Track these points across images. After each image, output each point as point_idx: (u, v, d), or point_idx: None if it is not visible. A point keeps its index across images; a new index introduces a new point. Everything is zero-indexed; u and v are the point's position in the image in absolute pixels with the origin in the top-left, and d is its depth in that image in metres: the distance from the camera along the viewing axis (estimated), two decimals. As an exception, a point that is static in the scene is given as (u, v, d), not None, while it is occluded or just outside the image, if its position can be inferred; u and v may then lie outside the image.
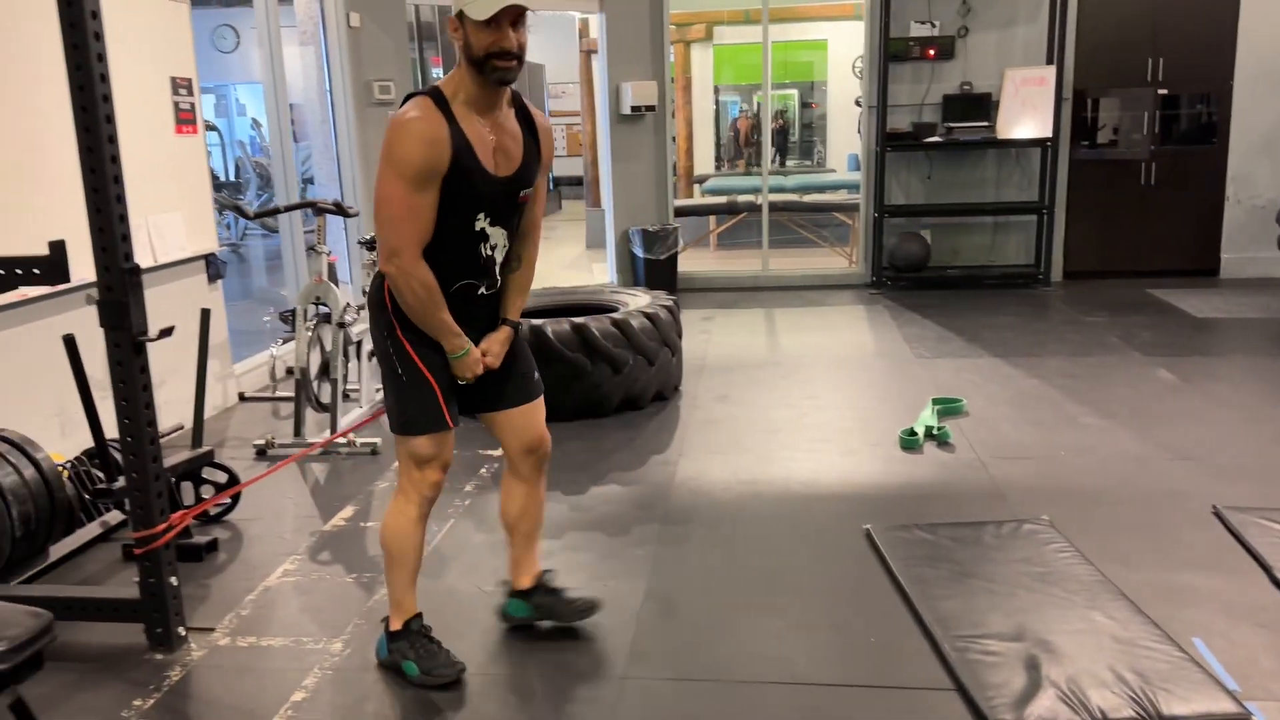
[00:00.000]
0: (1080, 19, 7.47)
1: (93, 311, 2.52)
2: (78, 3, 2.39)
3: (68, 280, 2.52)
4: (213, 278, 4.92)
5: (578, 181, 14.04)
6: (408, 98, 2.30)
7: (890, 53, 7.50)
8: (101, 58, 2.45)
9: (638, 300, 5.16)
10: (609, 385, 4.70)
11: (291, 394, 5.17)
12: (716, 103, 14.00)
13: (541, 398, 2.66)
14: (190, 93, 4.74)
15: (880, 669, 2.50)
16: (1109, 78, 7.63)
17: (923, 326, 6.32)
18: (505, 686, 2.50)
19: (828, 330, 6.36)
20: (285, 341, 5.46)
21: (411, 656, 2.52)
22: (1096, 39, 7.55)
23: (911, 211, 7.77)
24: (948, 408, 4.50)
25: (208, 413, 4.98)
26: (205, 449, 3.48)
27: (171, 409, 4.55)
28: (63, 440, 3.90)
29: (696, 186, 12.24)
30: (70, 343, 2.97)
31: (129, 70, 4.25)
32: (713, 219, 10.21)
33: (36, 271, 2.52)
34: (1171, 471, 3.75)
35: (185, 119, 4.71)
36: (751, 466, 3.96)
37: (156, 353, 4.43)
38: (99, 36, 2.45)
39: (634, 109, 7.74)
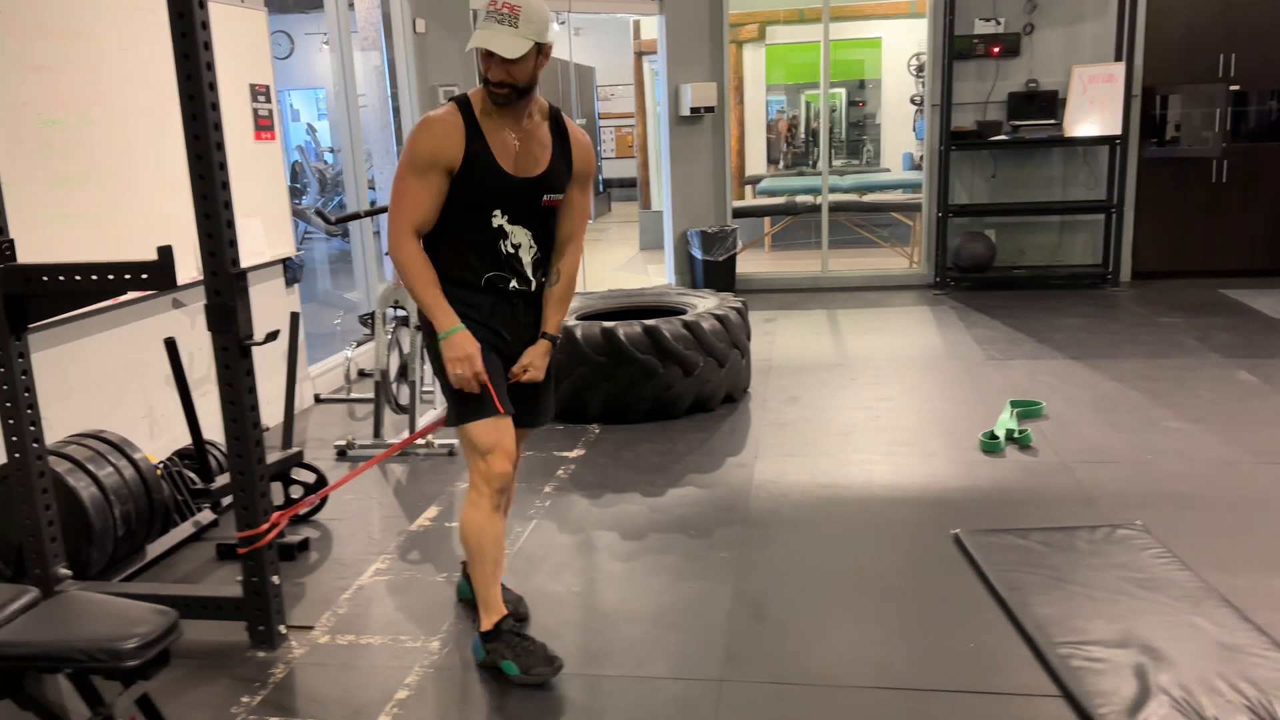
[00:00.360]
0: (1150, 14, 7.34)
1: (176, 316, 2.57)
2: (189, 14, 2.45)
3: (175, 285, 2.58)
4: (290, 281, 5.00)
5: (628, 183, 14.08)
6: (449, 101, 2.50)
7: (954, 50, 7.41)
8: (210, 67, 2.50)
9: (706, 302, 5.16)
10: (680, 387, 4.70)
11: (365, 396, 5.25)
12: (768, 103, 13.94)
13: (534, 430, 2.80)
14: (268, 99, 4.83)
15: (983, 675, 2.47)
16: (1179, 74, 7.48)
17: (992, 328, 6.24)
18: (603, 686, 2.51)
19: (893, 331, 6.31)
20: (360, 344, 5.54)
21: (509, 656, 2.54)
22: (1166, 34, 7.41)
23: (976, 211, 7.68)
24: (1026, 410, 4.44)
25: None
26: (295, 450, 3.54)
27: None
28: (151, 441, 3.99)
29: (748, 188, 12.21)
30: (171, 346, 3.03)
31: (213, 78, 4.34)
32: (767, 220, 10.18)
33: (145, 276, 2.57)
34: (1263, 476, 3.67)
35: (264, 125, 4.80)
36: (829, 469, 3.94)
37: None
38: (208, 46, 2.50)
39: (693, 110, 7.74)
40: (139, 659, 1.92)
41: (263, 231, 4.72)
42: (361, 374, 5.57)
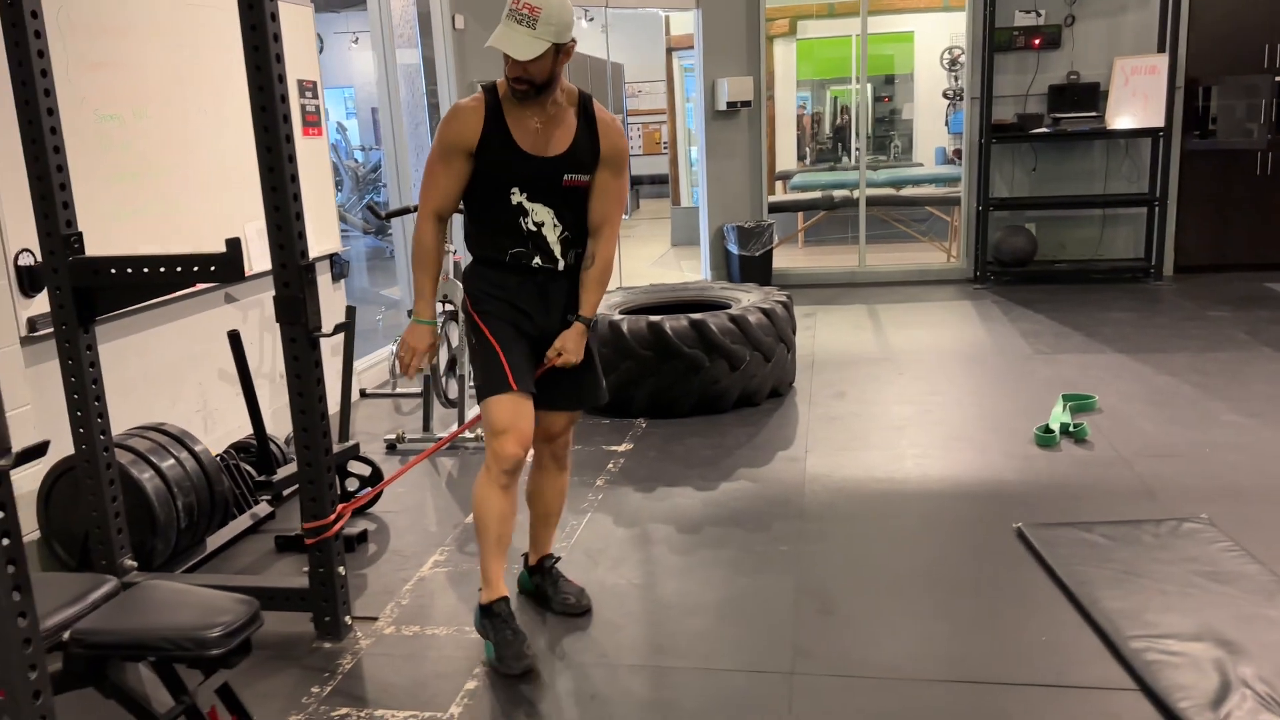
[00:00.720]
0: (1193, 4, 7.24)
1: (228, 311, 2.59)
2: (259, 7, 2.45)
3: (243, 277, 2.60)
4: (337, 277, 5.02)
5: (658, 180, 14.04)
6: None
7: (995, 43, 7.34)
8: (280, 58, 2.51)
9: (750, 296, 5.14)
10: (726, 381, 4.68)
11: (411, 391, 5.27)
12: (806, 98, 13.89)
13: (579, 412, 2.81)
14: (315, 95, 4.84)
15: (1057, 668, 2.44)
16: (1223, 65, 7.38)
17: (1036, 322, 6.18)
18: (672, 679, 2.50)
19: (936, 326, 6.26)
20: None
21: (491, 639, 2.57)
22: (1210, 25, 7.31)
23: (1016, 205, 7.61)
24: (1080, 404, 4.39)
25: (332, 408, 5.08)
26: (352, 442, 3.55)
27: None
28: (206, 435, 4.01)
29: (778, 183, 12.16)
30: (235, 338, 3.05)
31: (263, 74, 4.36)
32: (800, 215, 10.13)
33: (213, 269, 2.59)
34: (1329, 470, 3.61)
35: (311, 121, 4.82)
36: (883, 464, 3.91)
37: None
38: (278, 38, 2.51)
39: (729, 105, 7.72)
40: (223, 647, 1.92)
41: (310, 227, 4.74)
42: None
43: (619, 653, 2.63)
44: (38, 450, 1.71)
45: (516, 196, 2.56)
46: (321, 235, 4.85)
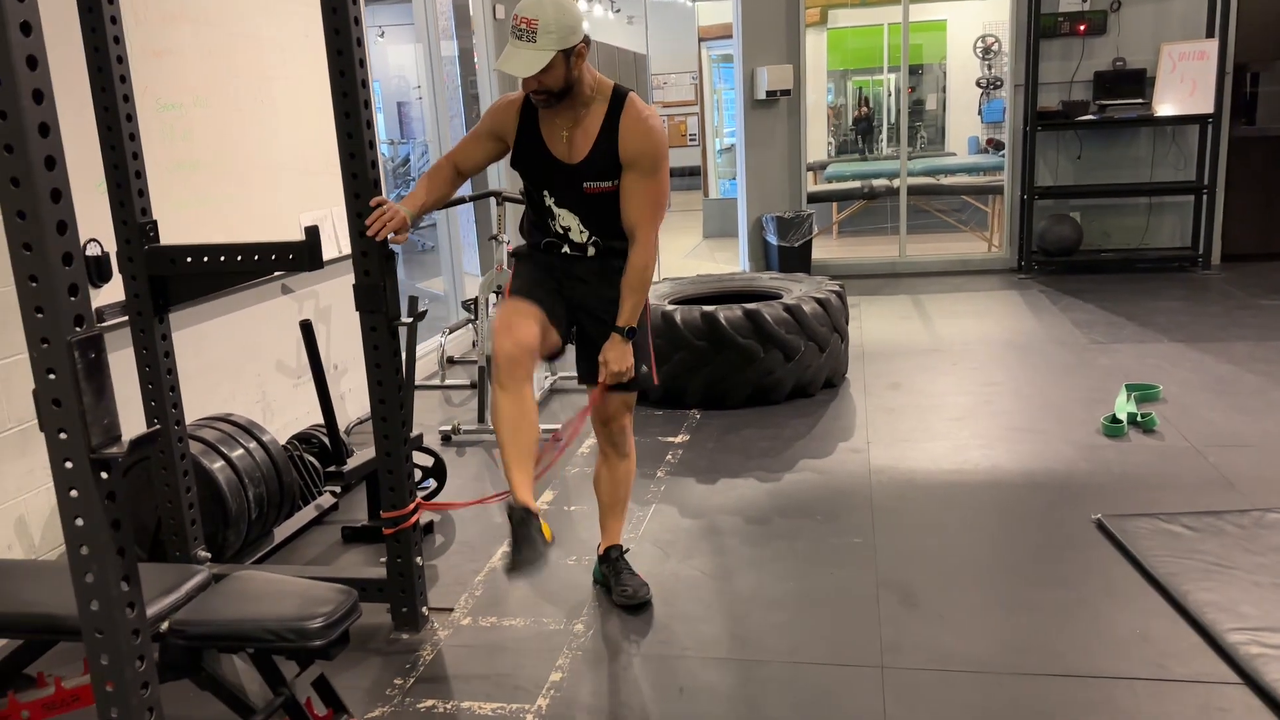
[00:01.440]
0: (1244, -12, 7.12)
1: (284, 302, 2.56)
2: (342, 8, 2.42)
3: (321, 265, 2.55)
4: (386, 267, 4.99)
5: (687, 173, 13.97)
6: None
7: (1040, 29, 7.24)
8: (360, 42, 2.48)
9: (800, 286, 5.08)
10: (781, 372, 4.63)
11: (459, 382, 5.24)
12: (843, 88, 13.78)
13: (633, 394, 2.76)
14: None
15: (1156, 662, 2.39)
16: (1272, 50, 7.25)
17: (1087, 311, 6.09)
18: (761, 673, 2.46)
19: (984, 316, 6.18)
20: (452, 330, 5.53)
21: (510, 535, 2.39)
22: (1259, 10, 7.18)
23: (1060, 193, 7.51)
24: (1144, 394, 4.32)
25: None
26: (415, 433, 3.52)
27: (355, 395, 4.64)
28: (266, 426, 3.99)
29: (810, 174, 12.06)
30: (307, 328, 3.02)
31: (312, 64, 4.34)
32: (834, 206, 10.04)
33: (292, 257, 2.56)
34: None
35: (362, 111, 4.78)
36: (949, 454, 3.85)
37: (338, 341, 4.54)
38: (358, 21, 2.47)
39: (769, 94, 7.65)
40: (325, 638, 1.90)
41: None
42: (451, 361, 5.57)
43: (702, 646, 2.59)
44: (150, 439, 1.69)
45: (547, 199, 2.63)
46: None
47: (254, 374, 3.99)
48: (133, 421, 2.85)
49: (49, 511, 2.98)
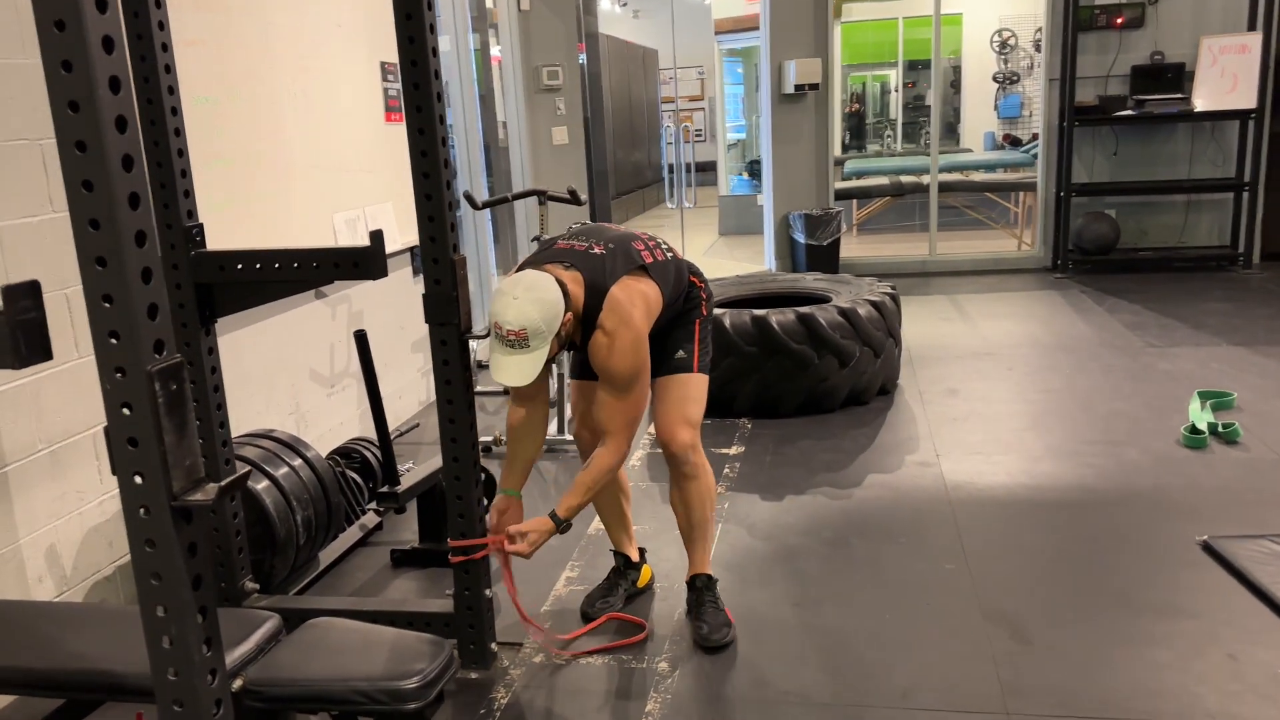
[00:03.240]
0: (1286, -20, 6.92)
1: (318, 308, 2.34)
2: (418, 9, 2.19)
3: (385, 273, 2.34)
4: (417, 270, 4.78)
5: (700, 168, 13.73)
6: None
7: (1078, 21, 7.04)
8: (435, 52, 2.26)
9: (848, 288, 4.88)
10: (835, 379, 4.42)
11: (493, 389, 5.02)
12: (847, 84, 13.56)
13: (678, 397, 2.55)
14: (399, 79, 4.58)
15: (1309, 708, 2.19)
16: (1314, 43, 7.06)
17: (1135, 313, 5.89)
18: (872, 716, 2.25)
19: (1027, 318, 5.98)
20: (482, 337, 5.30)
21: None
22: (1302, 1, 6.98)
23: (1096, 190, 7.31)
24: (1219, 402, 4.12)
25: (413, 409, 4.85)
26: (467, 449, 3.30)
27: (387, 405, 4.40)
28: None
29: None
30: (361, 339, 2.80)
31: (344, 56, 4.11)
32: (854, 203, 9.84)
33: (356, 265, 2.34)
34: None
35: (394, 106, 4.56)
36: (1024, 468, 3.65)
37: (372, 349, 4.28)
38: (431, 6, 2.25)
39: (797, 88, 7.43)
40: (421, 700, 1.68)
41: (394, 218, 4.49)
42: (480, 365, 5.35)
43: (802, 689, 2.38)
44: (241, 482, 1.47)
45: None
46: (405, 226, 4.60)
47: (287, 384, 3.76)
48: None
49: (81, 539, 2.75)
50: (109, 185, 1.24)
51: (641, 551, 2.93)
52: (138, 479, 1.34)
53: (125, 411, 1.32)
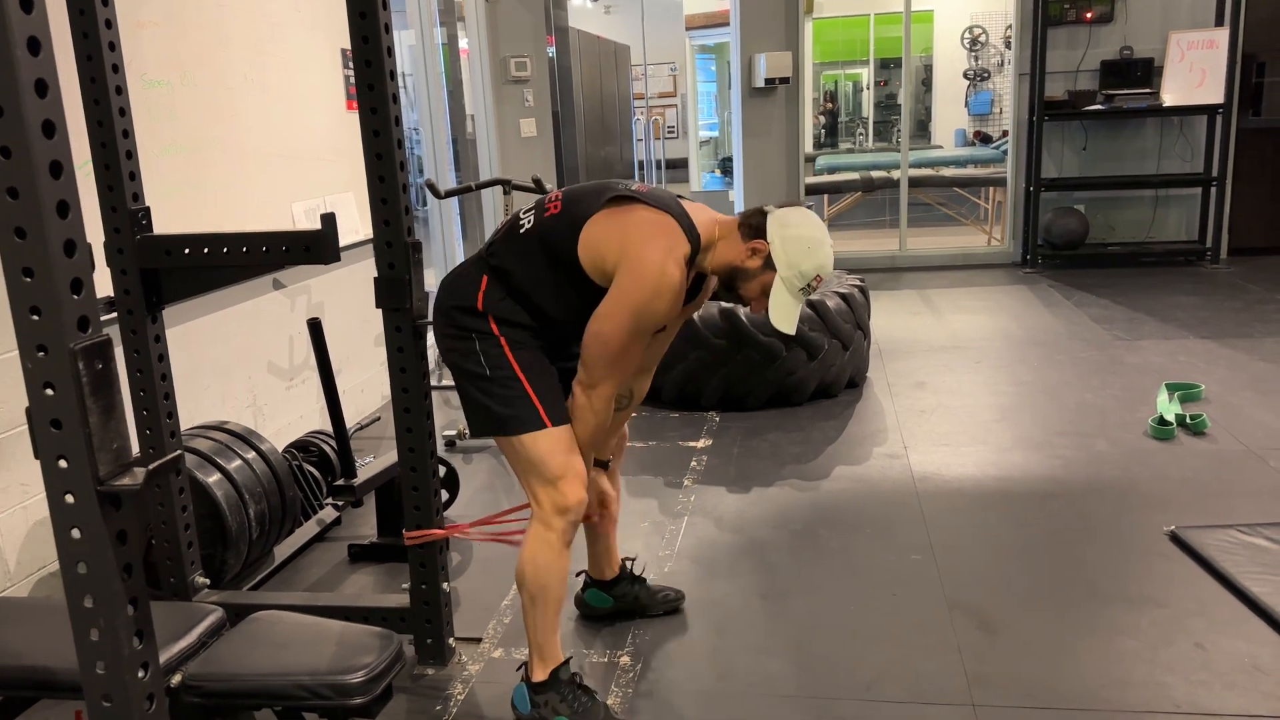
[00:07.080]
0: (1253, -24, 6.97)
1: (275, 298, 2.27)
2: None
3: (337, 258, 2.26)
4: (381, 260, 4.68)
5: (671, 165, 13.69)
6: None
7: (1048, 16, 7.05)
8: (388, 29, 2.19)
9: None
10: (804, 372, 4.38)
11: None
12: (820, 83, 13.57)
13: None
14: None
15: (1277, 696, 2.16)
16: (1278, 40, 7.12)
17: (1103, 307, 5.91)
18: (838, 711, 2.21)
19: (997, 311, 5.98)
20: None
21: (565, 712, 2.13)
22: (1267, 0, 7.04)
23: (1065, 185, 7.33)
24: (1187, 394, 4.12)
25: (375, 403, 4.77)
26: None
27: (349, 398, 4.33)
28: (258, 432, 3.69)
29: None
30: (315, 327, 2.73)
31: (303, 42, 4.02)
32: (825, 198, 9.83)
33: (308, 249, 2.26)
34: None
35: (355, 94, 4.47)
36: (992, 460, 3.63)
37: (333, 341, 4.21)
38: (386, 4, 2.18)
39: (768, 81, 7.40)
40: (367, 694, 1.62)
41: (356, 208, 4.41)
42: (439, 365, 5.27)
43: (767, 681, 2.33)
44: (172, 466, 1.40)
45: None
46: (367, 216, 4.52)
47: (244, 376, 3.67)
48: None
49: (26, 533, 2.66)
50: (28, 152, 1.17)
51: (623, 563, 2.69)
52: (62, 463, 1.28)
53: (48, 392, 1.25)
